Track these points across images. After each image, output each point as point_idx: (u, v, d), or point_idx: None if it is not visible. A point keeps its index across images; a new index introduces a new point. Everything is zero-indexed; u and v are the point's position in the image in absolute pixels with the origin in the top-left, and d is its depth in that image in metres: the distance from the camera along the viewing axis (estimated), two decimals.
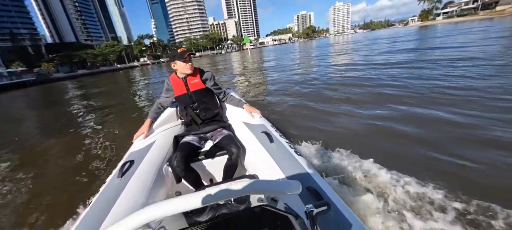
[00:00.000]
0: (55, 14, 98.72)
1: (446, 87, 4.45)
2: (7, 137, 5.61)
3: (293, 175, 1.20)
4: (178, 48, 1.74)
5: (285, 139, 1.63)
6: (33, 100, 15.59)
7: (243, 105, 2.02)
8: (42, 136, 5.57)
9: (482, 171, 2.05)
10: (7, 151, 4.56)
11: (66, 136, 5.01)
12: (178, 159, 1.47)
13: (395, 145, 2.69)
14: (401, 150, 2.59)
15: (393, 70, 6.90)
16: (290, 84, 7.32)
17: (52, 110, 9.75)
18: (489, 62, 6.19)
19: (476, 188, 1.83)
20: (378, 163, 2.15)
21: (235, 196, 0.45)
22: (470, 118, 3.04)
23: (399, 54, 10.66)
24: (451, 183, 1.87)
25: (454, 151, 2.37)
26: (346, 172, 2.09)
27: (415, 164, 2.27)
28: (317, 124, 3.64)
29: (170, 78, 1.84)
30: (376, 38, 30.33)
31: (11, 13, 66.64)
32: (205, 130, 1.80)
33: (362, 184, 1.96)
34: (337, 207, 0.95)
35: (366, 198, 1.71)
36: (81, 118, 6.83)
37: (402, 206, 1.68)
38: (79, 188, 2.66)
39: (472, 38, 12.95)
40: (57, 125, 6.49)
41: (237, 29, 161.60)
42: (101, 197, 1.21)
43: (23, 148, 4.80)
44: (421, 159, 2.35)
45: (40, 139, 5.31)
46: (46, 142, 4.93)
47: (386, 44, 17.41)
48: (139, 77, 22.57)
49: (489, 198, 1.66)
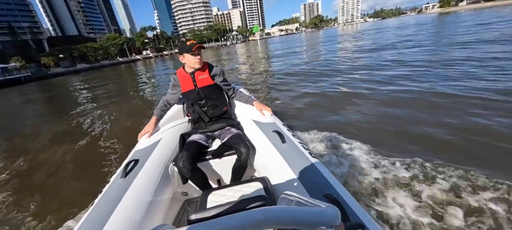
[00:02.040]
0: (56, 7, 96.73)
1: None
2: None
3: (309, 180, 1.08)
4: (188, 41, 1.60)
5: (298, 139, 1.50)
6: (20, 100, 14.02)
7: (253, 102, 1.90)
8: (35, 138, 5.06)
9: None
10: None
11: (64, 138, 4.68)
12: (184, 158, 1.39)
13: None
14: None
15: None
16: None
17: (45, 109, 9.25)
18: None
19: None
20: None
21: (250, 228, 0.38)
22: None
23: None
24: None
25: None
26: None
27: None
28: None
29: (177, 73, 1.74)
30: (400, 26, 26.49)
31: (11, 5, 64.91)
32: (213, 128, 1.73)
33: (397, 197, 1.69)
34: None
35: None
36: (80, 117, 6.27)
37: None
38: (82, 188, 2.62)
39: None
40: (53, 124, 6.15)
41: (242, 20, 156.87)
42: (104, 198, 1.16)
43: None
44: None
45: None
46: (39, 145, 4.56)
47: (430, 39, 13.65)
48: (143, 71, 21.37)
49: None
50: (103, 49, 64.55)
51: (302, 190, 1.04)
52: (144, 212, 1.13)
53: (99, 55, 63.54)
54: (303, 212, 0.41)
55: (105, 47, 65.40)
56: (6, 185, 2.98)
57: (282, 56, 14.60)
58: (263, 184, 1.21)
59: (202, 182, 1.51)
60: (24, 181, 3.09)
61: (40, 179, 3.06)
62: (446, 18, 26.76)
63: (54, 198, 2.53)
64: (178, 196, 1.64)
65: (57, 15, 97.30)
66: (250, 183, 1.25)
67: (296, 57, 12.56)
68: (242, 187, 1.23)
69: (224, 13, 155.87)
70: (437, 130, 2.66)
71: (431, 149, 2.31)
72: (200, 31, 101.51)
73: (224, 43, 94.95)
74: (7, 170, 3.46)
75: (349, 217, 0.82)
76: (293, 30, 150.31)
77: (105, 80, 17.12)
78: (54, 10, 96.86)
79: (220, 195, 1.20)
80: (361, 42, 15.02)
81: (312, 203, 0.48)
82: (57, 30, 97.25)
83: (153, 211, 1.20)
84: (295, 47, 19.81)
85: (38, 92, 16.78)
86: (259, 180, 1.26)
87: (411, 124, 2.87)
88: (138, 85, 11.87)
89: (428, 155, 2.15)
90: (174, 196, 1.52)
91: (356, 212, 0.85)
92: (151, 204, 1.20)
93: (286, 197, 0.55)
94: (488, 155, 2.14)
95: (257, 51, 23.05)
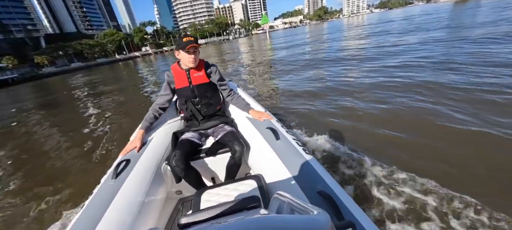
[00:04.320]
0: (53, 2, 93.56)
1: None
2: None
3: (303, 177, 1.09)
4: (184, 37, 1.52)
5: (293, 136, 1.49)
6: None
7: (249, 110, 1.77)
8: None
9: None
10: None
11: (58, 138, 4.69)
12: (177, 157, 1.36)
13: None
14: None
15: None
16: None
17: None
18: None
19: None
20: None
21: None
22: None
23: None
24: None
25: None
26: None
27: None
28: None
29: (171, 69, 1.67)
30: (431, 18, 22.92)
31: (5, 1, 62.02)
32: (206, 126, 1.69)
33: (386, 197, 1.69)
34: (362, 226, 0.79)
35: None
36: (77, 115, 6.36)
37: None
38: (73, 191, 2.52)
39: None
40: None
41: (244, 13, 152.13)
42: (95, 199, 1.14)
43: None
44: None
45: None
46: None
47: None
48: (140, 69, 20.58)
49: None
50: (99, 46, 61.49)
51: (296, 187, 1.04)
52: (136, 213, 1.11)
53: (96, 52, 60.53)
54: (294, 221, 0.43)
55: (102, 44, 62.34)
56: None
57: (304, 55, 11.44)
58: (257, 182, 1.21)
59: (196, 180, 1.48)
60: (11, 181, 3.01)
61: (28, 180, 3.02)
62: (464, 8, 22.60)
63: (43, 199, 2.44)
64: (172, 195, 1.63)
65: (54, 11, 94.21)
66: (245, 181, 1.24)
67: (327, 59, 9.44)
68: (237, 185, 1.22)
69: (226, 7, 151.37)
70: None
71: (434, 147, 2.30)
72: (201, 26, 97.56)
73: (226, 37, 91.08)
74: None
75: (342, 213, 0.83)
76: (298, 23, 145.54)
77: (102, 77, 16.48)
78: (51, 5, 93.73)
79: (215, 194, 1.19)
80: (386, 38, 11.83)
81: (304, 207, 0.50)
82: (54, 27, 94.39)
83: (146, 212, 1.17)
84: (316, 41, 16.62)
85: (24, 95, 15.14)
86: (254, 177, 1.26)
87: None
88: (135, 83, 10.98)
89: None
90: (168, 195, 1.51)
91: (350, 209, 0.86)
92: (144, 204, 1.17)
93: (279, 198, 0.57)
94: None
95: (268, 49, 19.41)
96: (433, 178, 1.77)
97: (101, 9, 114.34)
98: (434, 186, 1.72)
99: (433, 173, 1.84)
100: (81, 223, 0.99)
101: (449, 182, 1.75)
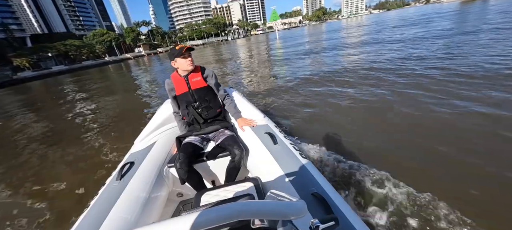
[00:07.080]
0: (41, 1, 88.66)
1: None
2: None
3: (298, 179, 1.15)
4: (177, 46, 1.64)
5: (290, 141, 1.55)
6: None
7: (237, 118, 1.84)
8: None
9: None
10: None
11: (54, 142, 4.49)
12: (181, 160, 1.41)
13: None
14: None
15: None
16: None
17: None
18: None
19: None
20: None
21: (224, 221, 0.42)
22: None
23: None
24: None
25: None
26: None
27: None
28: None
29: (171, 77, 1.76)
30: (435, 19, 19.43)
31: None
32: (207, 130, 1.74)
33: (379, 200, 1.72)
34: (348, 221, 0.86)
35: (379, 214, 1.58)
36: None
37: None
38: (78, 191, 2.52)
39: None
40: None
41: (242, 13, 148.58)
42: (100, 200, 1.18)
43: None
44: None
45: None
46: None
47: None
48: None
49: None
50: (87, 47, 57.12)
51: (290, 188, 1.09)
52: (139, 214, 1.14)
53: (84, 54, 56.12)
54: (272, 205, 0.46)
55: (90, 45, 57.99)
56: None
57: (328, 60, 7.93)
58: (255, 184, 1.24)
59: (197, 183, 1.53)
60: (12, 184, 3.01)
61: (31, 182, 3.00)
62: (472, 9, 19.39)
63: (45, 201, 2.45)
64: (173, 197, 1.66)
65: (41, 10, 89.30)
66: (243, 183, 1.28)
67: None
68: (235, 187, 1.25)
69: (223, 6, 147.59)
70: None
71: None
72: (198, 26, 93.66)
73: (225, 38, 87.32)
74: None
75: (333, 212, 0.88)
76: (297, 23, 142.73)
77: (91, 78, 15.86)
78: (39, 4, 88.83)
79: (214, 195, 1.21)
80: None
81: (289, 199, 0.53)
82: (43, 27, 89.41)
83: (148, 213, 1.21)
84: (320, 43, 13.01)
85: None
86: (251, 180, 1.28)
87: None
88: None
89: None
90: (169, 197, 1.55)
91: (340, 207, 0.90)
92: (146, 205, 1.22)
93: (271, 195, 0.60)
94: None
95: (276, 50, 15.88)
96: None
97: (94, 8, 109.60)
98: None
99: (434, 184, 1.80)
100: (87, 222, 1.02)
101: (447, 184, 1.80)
